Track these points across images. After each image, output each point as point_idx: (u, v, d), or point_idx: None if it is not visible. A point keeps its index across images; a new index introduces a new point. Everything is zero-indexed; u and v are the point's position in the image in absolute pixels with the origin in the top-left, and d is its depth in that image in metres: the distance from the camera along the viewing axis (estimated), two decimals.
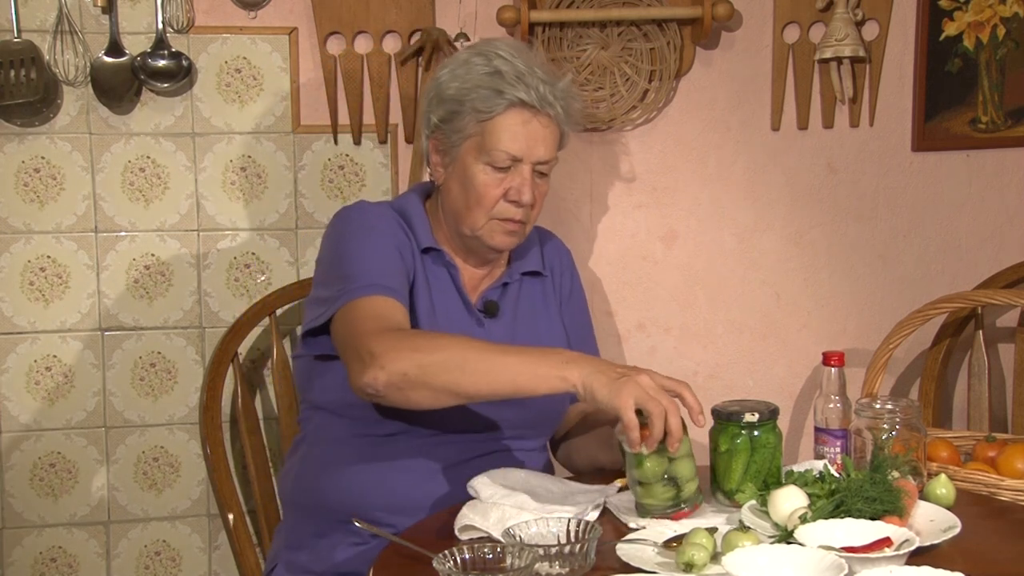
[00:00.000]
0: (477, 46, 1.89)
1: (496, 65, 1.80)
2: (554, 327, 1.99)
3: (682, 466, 1.62)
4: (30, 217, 2.31)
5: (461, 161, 1.83)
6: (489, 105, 1.79)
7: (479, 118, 1.80)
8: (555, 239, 2.11)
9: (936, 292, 2.49)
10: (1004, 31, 2.55)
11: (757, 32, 2.51)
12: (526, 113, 1.80)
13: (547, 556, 1.44)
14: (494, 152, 1.80)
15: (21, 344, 2.33)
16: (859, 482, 1.55)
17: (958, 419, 2.66)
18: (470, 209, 1.83)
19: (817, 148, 2.56)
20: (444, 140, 1.85)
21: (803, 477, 1.62)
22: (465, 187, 1.83)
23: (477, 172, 1.81)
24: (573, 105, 1.87)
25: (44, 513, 2.37)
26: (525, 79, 1.79)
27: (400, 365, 1.59)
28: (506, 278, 1.94)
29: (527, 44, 2.07)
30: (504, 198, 1.82)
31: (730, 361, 2.59)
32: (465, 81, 1.82)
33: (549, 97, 1.81)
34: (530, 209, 1.84)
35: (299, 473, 1.90)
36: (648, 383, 1.53)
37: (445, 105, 1.84)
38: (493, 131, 1.80)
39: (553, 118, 1.83)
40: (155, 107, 2.33)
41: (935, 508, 1.60)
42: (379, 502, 1.77)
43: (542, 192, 1.86)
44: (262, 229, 2.40)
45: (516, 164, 1.81)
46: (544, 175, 1.85)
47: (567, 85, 1.86)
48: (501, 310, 1.91)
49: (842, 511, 1.52)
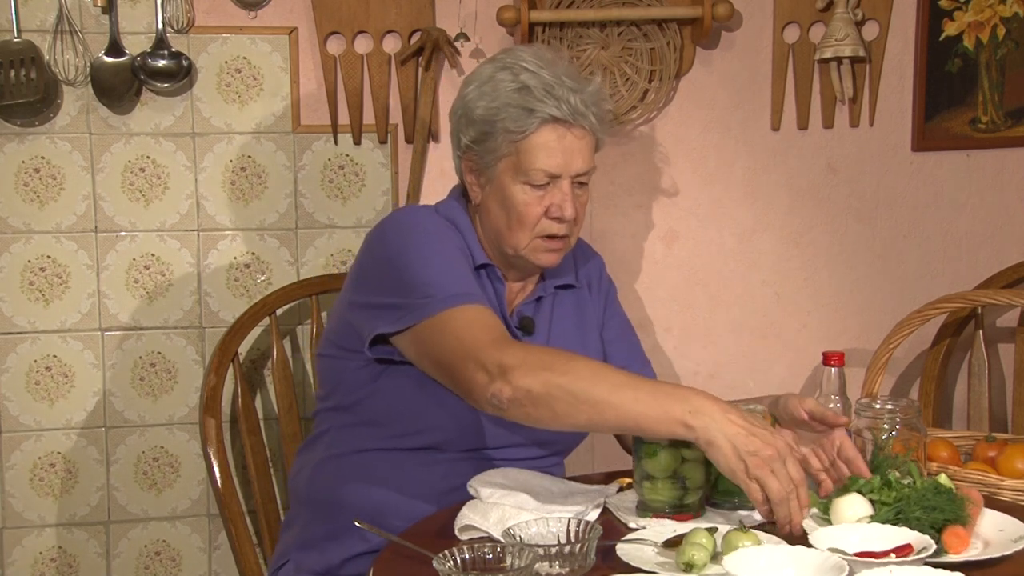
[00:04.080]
0: (501, 59, 1.82)
1: (523, 80, 1.75)
2: (588, 340, 1.95)
3: (693, 470, 1.63)
4: (30, 217, 2.31)
5: (498, 181, 1.79)
6: (521, 125, 1.74)
7: (512, 138, 1.75)
8: (586, 247, 2.07)
9: (936, 292, 2.49)
10: (1004, 31, 2.55)
11: (757, 32, 2.51)
12: (560, 128, 1.75)
13: (547, 556, 1.44)
14: (531, 172, 1.75)
15: (21, 344, 2.33)
16: (921, 491, 1.51)
17: (958, 419, 2.66)
18: (512, 229, 1.79)
19: (817, 148, 2.56)
20: (478, 161, 1.81)
21: (868, 484, 1.57)
22: (505, 207, 1.79)
23: (516, 192, 1.77)
24: (604, 108, 1.82)
25: (44, 513, 2.37)
26: (555, 92, 1.74)
27: (528, 382, 1.54)
28: (540, 292, 1.91)
29: (550, 48, 1.99)
30: (546, 215, 1.78)
31: (730, 361, 2.59)
32: (493, 100, 1.77)
33: (580, 107, 1.75)
34: (573, 223, 1.80)
35: (316, 474, 1.88)
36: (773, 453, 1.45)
37: (475, 126, 1.79)
38: (528, 150, 1.75)
39: (587, 128, 1.78)
40: (155, 107, 2.33)
41: (1005, 517, 1.55)
42: (376, 503, 1.76)
43: (583, 203, 1.82)
44: (262, 229, 2.39)
45: (555, 180, 1.77)
46: (584, 184, 1.81)
47: (596, 89, 1.80)
48: (536, 326, 1.88)
49: (900, 519, 1.48)
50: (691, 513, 1.63)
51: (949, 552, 1.45)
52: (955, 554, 1.45)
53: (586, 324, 1.96)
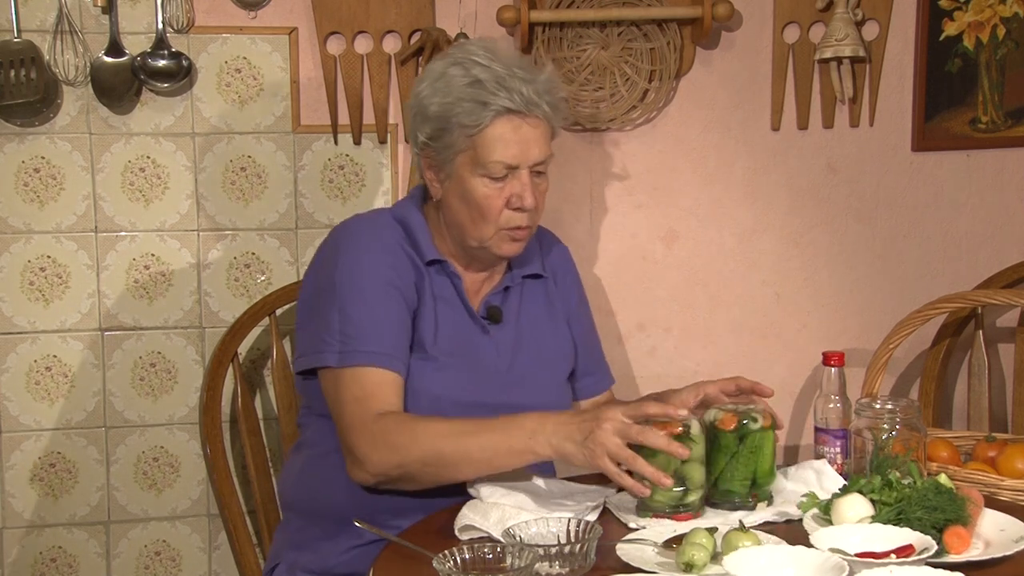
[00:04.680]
0: (452, 54, 1.84)
1: (475, 74, 1.77)
2: (559, 330, 1.98)
3: (693, 470, 1.63)
4: (30, 217, 2.31)
5: (457, 176, 1.81)
6: (476, 119, 1.76)
7: (467, 133, 1.77)
8: (553, 238, 2.09)
9: (936, 292, 2.49)
10: (1004, 31, 2.55)
11: (757, 32, 2.51)
12: (514, 119, 1.77)
13: (547, 556, 1.44)
14: (489, 165, 1.77)
15: (21, 344, 2.33)
16: (922, 491, 1.51)
17: (958, 419, 2.66)
18: (475, 223, 1.81)
19: (817, 148, 2.56)
20: (436, 157, 1.83)
21: (869, 485, 1.57)
22: (466, 201, 1.80)
23: (476, 185, 1.79)
24: (558, 96, 1.84)
25: (44, 513, 2.37)
26: (506, 83, 1.76)
27: (382, 467, 1.68)
28: (507, 282, 1.93)
29: (500, 41, 2.03)
30: (507, 206, 1.80)
31: (730, 361, 2.58)
32: (447, 95, 1.78)
33: (533, 97, 1.77)
34: (535, 211, 1.83)
35: (300, 479, 1.90)
36: (612, 438, 1.55)
37: (431, 123, 1.81)
38: (484, 144, 1.77)
39: (541, 117, 1.80)
40: (155, 107, 2.33)
41: (1005, 517, 1.56)
42: (383, 505, 1.77)
43: (543, 192, 1.84)
44: (262, 229, 2.39)
45: (513, 171, 1.79)
46: (542, 174, 1.83)
47: (548, 77, 1.83)
48: (504, 315, 1.90)
49: (901, 519, 1.49)
50: (691, 513, 1.63)
51: (950, 552, 1.45)
52: (956, 554, 1.45)
53: (555, 314, 1.98)
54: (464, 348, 1.84)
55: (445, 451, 1.65)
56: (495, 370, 1.85)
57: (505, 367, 1.86)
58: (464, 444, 1.64)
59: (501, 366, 1.86)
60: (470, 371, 1.82)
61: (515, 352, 1.89)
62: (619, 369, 2.51)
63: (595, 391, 2.06)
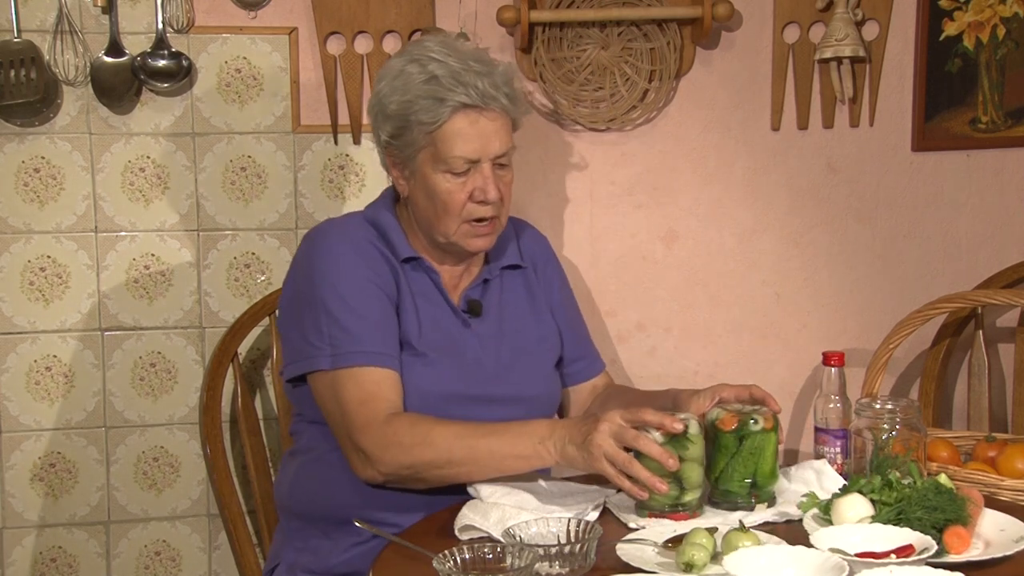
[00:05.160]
0: (409, 51, 1.86)
1: (431, 70, 1.78)
2: (541, 319, 1.98)
3: (690, 470, 1.63)
4: (30, 217, 2.31)
5: (420, 173, 1.82)
6: (434, 116, 1.78)
7: (427, 130, 1.79)
8: (530, 228, 2.10)
9: (936, 292, 2.49)
10: (1004, 31, 2.55)
11: (757, 32, 2.51)
12: (472, 114, 1.78)
13: (547, 556, 1.44)
14: (450, 160, 1.79)
15: (21, 344, 2.33)
16: (922, 491, 1.51)
17: (958, 419, 2.66)
18: (440, 218, 1.83)
19: (817, 148, 2.56)
20: (399, 155, 1.85)
21: (869, 485, 1.58)
22: (431, 197, 1.82)
23: (439, 181, 1.81)
24: (516, 88, 1.85)
25: (44, 513, 2.37)
26: (462, 78, 1.77)
27: (391, 467, 1.69)
28: (486, 274, 1.94)
29: (456, 35, 2.04)
30: (471, 200, 1.81)
31: (730, 361, 2.58)
32: (405, 93, 1.80)
33: (490, 91, 1.79)
34: (500, 203, 1.83)
35: (297, 482, 1.90)
36: (608, 441, 1.57)
37: (391, 122, 1.83)
38: (444, 140, 1.78)
39: (500, 110, 1.81)
40: (155, 107, 2.33)
41: (1005, 517, 1.56)
42: (382, 504, 1.77)
43: (507, 183, 1.85)
44: (262, 229, 2.39)
45: (475, 165, 1.80)
46: (505, 166, 1.84)
47: (505, 69, 1.84)
48: (485, 308, 1.91)
49: (902, 519, 1.49)
50: (688, 513, 1.63)
51: (950, 552, 1.46)
52: (956, 554, 1.45)
53: (537, 303, 1.99)
54: (447, 342, 1.85)
55: (455, 454, 1.67)
56: (479, 363, 1.86)
57: (489, 359, 1.87)
58: (474, 447, 1.66)
59: (485, 359, 1.87)
60: (455, 365, 1.83)
61: (498, 344, 1.89)
62: (619, 369, 2.51)
63: (587, 375, 2.06)
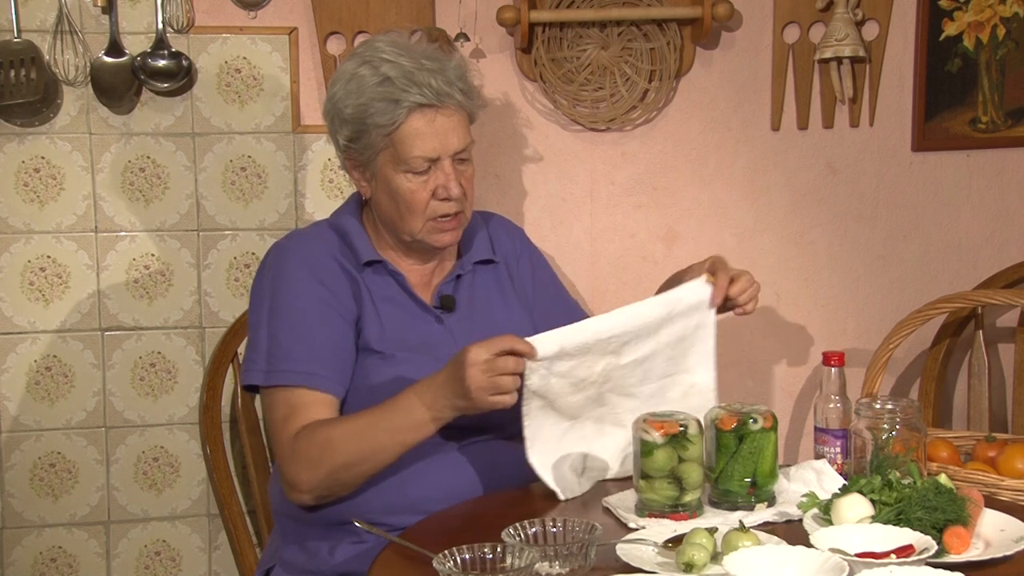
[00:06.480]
0: (361, 53, 1.85)
1: (384, 72, 1.79)
2: (512, 314, 1.98)
3: (690, 470, 1.63)
4: (30, 217, 2.31)
5: (381, 174, 1.83)
6: (390, 117, 1.78)
7: (384, 132, 1.79)
8: (503, 221, 2.10)
9: (936, 292, 2.49)
10: (1004, 31, 2.55)
11: (757, 32, 2.51)
12: (428, 112, 1.79)
13: (547, 556, 1.44)
14: (410, 160, 1.80)
15: (21, 344, 2.33)
16: (922, 491, 1.51)
17: (958, 419, 2.66)
18: (404, 218, 1.83)
19: (817, 148, 2.56)
20: (358, 158, 1.85)
21: (869, 484, 1.57)
22: (393, 198, 1.83)
23: (400, 182, 1.81)
24: (470, 82, 1.86)
25: (44, 513, 2.37)
26: (416, 78, 1.78)
27: (312, 484, 1.72)
28: (459, 270, 1.94)
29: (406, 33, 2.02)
30: (434, 197, 1.82)
31: (730, 361, 2.58)
32: (359, 96, 1.80)
33: (444, 88, 1.79)
34: (463, 199, 1.84)
35: None
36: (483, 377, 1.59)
37: (348, 126, 1.83)
38: (402, 141, 1.79)
39: (456, 106, 1.81)
40: (155, 107, 2.33)
41: (1006, 517, 1.55)
42: (380, 504, 1.77)
43: (468, 178, 1.86)
44: (262, 229, 2.39)
45: (435, 163, 1.81)
46: (465, 160, 1.85)
47: (458, 64, 1.85)
48: (458, 303, 1.91)
49: (902, 520, 1.48)
50: (687, 513, 1.63)
51: (950, 552, 1.45)
52: (956, 554, 1.45)
53: (508, 299, 1.99)
54: (419, 341, 1.85)
55: (361, 448, 1.69)
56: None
57: None
58: (374, 435, 1.69)
59: None
60: (428, 362, 1.80)
61: (470, 338, 1.86)
62: None
63: None
